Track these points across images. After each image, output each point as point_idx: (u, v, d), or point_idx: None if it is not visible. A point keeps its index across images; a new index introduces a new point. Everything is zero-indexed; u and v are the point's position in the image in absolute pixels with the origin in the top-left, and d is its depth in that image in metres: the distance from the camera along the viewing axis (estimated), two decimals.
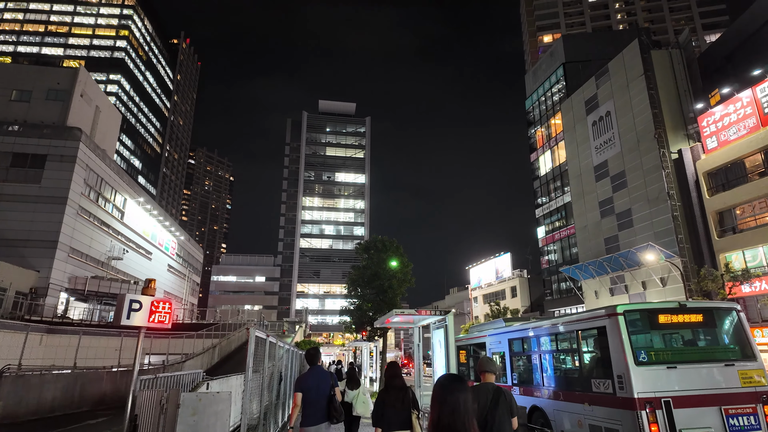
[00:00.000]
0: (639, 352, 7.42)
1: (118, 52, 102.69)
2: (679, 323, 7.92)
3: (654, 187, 30.08)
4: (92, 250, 36.57)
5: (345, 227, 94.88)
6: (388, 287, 23.01)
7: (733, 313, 8.17)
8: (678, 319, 7.90)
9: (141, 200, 44.99)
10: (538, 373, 10.22)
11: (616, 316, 7.72)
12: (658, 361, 7.49)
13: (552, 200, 43.19)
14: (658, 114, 30.70)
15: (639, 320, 7.92)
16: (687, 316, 7.96)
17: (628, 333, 7.52)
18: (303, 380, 5.64)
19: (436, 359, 9.89)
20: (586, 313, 8.93)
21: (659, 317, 7.86)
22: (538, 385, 10.09)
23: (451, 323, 9.12)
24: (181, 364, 17.28)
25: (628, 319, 7.72)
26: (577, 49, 43.27)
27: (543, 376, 10.01)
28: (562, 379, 9.38)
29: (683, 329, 8.07)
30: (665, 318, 7.86)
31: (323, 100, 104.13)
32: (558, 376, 9.53)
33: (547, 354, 10.05)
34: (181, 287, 60.44)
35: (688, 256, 27.99)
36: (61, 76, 37.68)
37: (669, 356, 7.71)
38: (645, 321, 7.95)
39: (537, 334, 10.48)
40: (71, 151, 33.90)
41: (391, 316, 9.72)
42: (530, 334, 10.77)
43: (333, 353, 63.55)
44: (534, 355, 10.60)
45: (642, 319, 7.95)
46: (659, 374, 7.20)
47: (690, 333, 8.17)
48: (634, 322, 7.82)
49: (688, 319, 7.98)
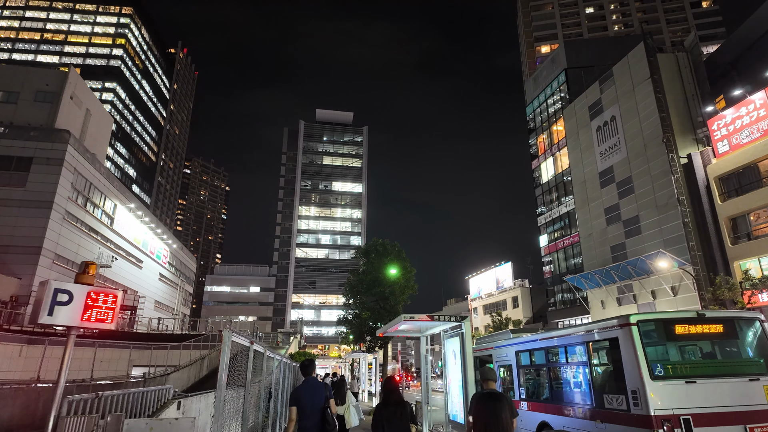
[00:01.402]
0: (655, 366, 6.81)
1: (114, 60, 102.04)
2: (697, 334, 7.29)
3: (663, 192, 29.09)
4: (79, 257, 35.07)
5: (342, 237, 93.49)
6: (389, 294, 21.53)
7: (757, 323, 7.48)
8: (696, 330, 7.27)
9: (132, 206, 43.63)
10: (548, 387, 9.67)
11: (629, 326, 7.13)
12: (676, 375, 6.82)
13: (555, 208, 42.17)
14: (666, 118, 29.85)
15: (654, 331, 7.32)
16: (706, 326, 7.32)
17: (643, 344, 6.95)
18: (298, 393, 5.54)
19: (450, 372, 8.64)
20: (596, 323, 8.31)
21: (676, 327, 7.26)
22: (548, 400, 9.52)
23: (468, 331, 7.90)
24: (165, 377, 15.85)
25: (643, 329, 7.12)
26: (579, 54, 42.66)
27: (552, 391, 9.44)
28: (572, 394, 8.75)
29: (702, 340, 7.43)
30: (683, 328, 7.25)
31: (320, 109, 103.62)
32: (568, 391, 8.92)
33: (557, 367, 9.46)
34: (173, 297, 58.75)
35: (701, 264, 26.90)
36: (51, 78, 36.54)
37: (688, 370, 7.01)
38: (661, 331, 7.36)
39: (546, 346, 9.85)
40: (58, 154, 32.63)
41: (399, 322, 8.49)
42: (539, 346, 10.17)
43: (329, 365, 61.81)
44: (543, 368, 10.02)
45: (657, 329, 7.36)
46: (678, 389, 6.63)
47: (710, 345, 7.51)
48: (649, 332, 7.22)
49: (708, 329, 7.33)
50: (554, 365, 9.53)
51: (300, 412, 5.38)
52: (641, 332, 7.06)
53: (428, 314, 8.29)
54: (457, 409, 7.96)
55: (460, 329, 8.01)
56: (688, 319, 7.34)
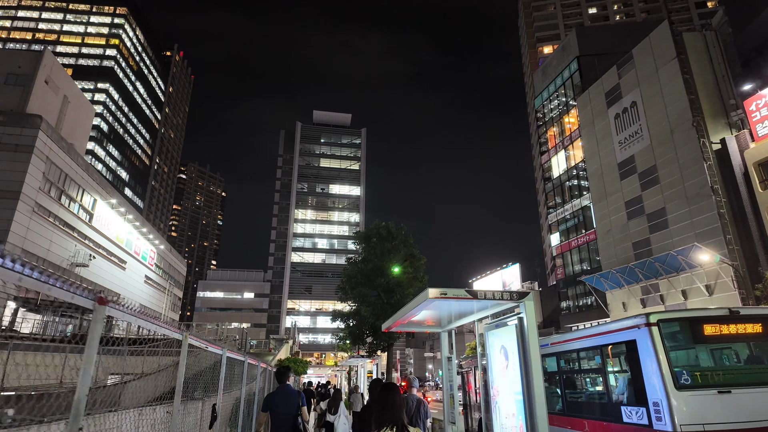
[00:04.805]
0: (680, 373, 5.93)
1: (108, 60, 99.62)
2: (731, 335, 6.28)
3: (693, 182, 26.34)
4: (51, 254, 32.06)
5: (339, 241, 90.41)
6: (395, 285, 18.26)
7: None
8: (729, 330, 6.27)
9: (114, 202, 40.65)
10: (560, 397, 8.64)
11: (648, 326, 6.18)
12: (706, 384, 5.96)
13: (567, 204, 39.39)
14: (695, 100, 27.21)
15: (679, 332, 6.40)
16: (741, 325, 6.26)
17: (665, 348, 6.02)
18: (270, 399, 5.73)
19: (498, 379, 5.70)
20: (612, 324, 7.17)
21: (705, 328, 6.28)
22: (561, 412, 8.46)
23: (531, 314, 4.97)
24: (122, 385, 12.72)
25: (665, 330, 6.17)
26: (592, 41, 40.20)
27: (565, 402, 8.45)
28: (587, 405, 7.86)
29: (738, 342, 6.42)
30: (712, 328, 6.26)
31: (318, 111, 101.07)
32: (582, 401, 8.05)
33: (570, 375, 8.56)
34: (161, 301, 55.57)
35: (739, 260, 24.10)
36: (23, 59, 33.73)
37: (720, 378, 6.10)
38: (687, 333, 6.41)
39: (558, 351, 8.74)
40: (28, 140, 29.74)
41: (422, 301, 5.49)
42: (550, 351, 9.03)
43: (324, 374, 58.49)
44: (555, 376, 8.86)
45: (683, 330, 6.42)
46: (708, 401, 5.79)
47: (747, 348, 6.50)
48: (673, 334, 6.32)
49: (743, 329, 6.28)
50: (567, 372, 8.55)
51: (272, 418, 5.48)
52: (663, 334, 6.09)
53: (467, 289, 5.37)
54: None
55: (518, 313, 5.08)
56: (720, 317, 6.34)
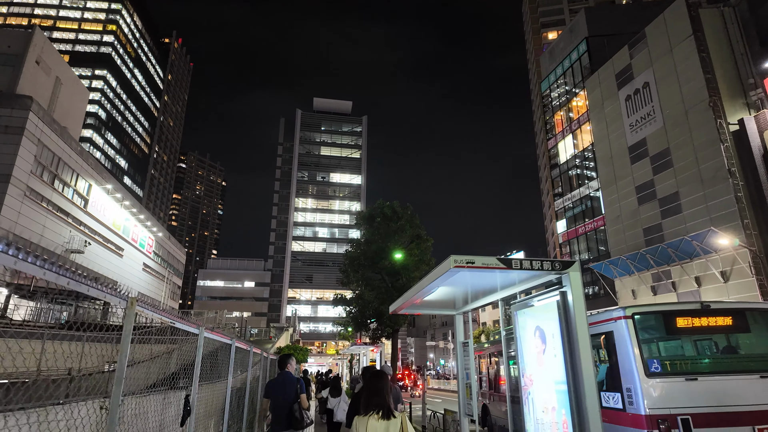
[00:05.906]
0: (651, 362, 6.26)
1: (105, 47, 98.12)
2: (702, 327, 6.68)
3: (709, 164, 25.27)
4: (44, 240, 31.24)
5: (340, 230, 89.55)
6: (401, 268, 17.28)
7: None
8: (701, 323, 6.68)
9: (109, 188, 39.73)
10: None
11: (623, 319, 6.58)
12: (675, 371, 6.37)
13: (575, 190, 38.38)
14: (712, 80, 26.03)
15: (653, 324, 6.81)
16: (713, 318, 6.70)
17: (638, 339, 6.37)
18: (270, 386, 5.96)
19: (529, 365, 4.75)
20: (594, 315, 7.37)
21: (677, 320, 6.69)
22: None
23: (578, 288, 4.00)
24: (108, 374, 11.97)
25: (639, 322, 6.57)
26: (602, 21, 38.85)
27: None
28: None
29: (709, 334, 6.83)
30: (685, 321, 6.69)
31: (318, 98, 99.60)
32: None
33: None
34: (160, 290, 54.91)
35: (757, 245, 23.14)
36: (13, 39, 32.62)
37: (689, 366, 6.57)
38: (660, 325, 6.82)
39: None
40: (18, 121, 28.77)
41: (445, 272, 4.45)
42: None
43: (326, 363, 57.99)
44: None
45: (656, 322, 6.84)
46: (676, 387, 6.07)
47: (718, 339, 6.91)
48: (647, 326, 6.70)
49: (714, 322, 6.68)
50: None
51: (273, 404, 5.70)
52: (637, 326, 6.49)
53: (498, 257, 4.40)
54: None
55: (561, 286, 4.12)
56: (692, 311, 6.75)
